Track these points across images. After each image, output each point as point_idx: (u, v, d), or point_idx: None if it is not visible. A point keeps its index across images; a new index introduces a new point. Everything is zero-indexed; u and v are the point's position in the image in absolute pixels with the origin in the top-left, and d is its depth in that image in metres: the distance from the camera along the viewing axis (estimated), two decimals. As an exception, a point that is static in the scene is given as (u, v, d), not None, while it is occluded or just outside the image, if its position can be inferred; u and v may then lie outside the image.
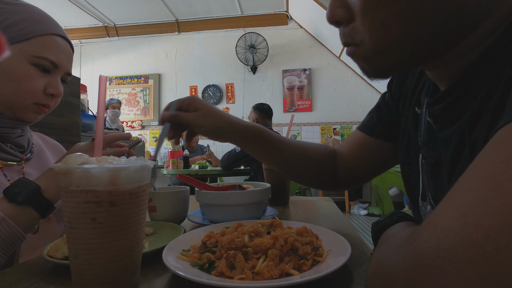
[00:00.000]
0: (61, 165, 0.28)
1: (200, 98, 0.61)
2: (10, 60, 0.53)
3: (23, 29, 0.54)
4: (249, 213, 0.59)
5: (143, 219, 0.32)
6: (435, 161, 0.43)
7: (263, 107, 2.60)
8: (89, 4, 4.25)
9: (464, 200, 0.20)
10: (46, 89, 0.58)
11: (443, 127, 0.41)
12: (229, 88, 4.74)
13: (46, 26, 0.57)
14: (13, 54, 0.53)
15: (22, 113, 0.57)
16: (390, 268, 0.23)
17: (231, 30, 4.76)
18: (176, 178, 0.80)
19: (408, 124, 0.53)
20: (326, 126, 4.52)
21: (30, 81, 0.55)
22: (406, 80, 0.56)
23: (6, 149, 0.58)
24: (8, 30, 0.53)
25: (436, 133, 0.43)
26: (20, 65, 0.54)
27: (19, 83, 0.54)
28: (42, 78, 0.57)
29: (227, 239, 0.38)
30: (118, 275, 0.29)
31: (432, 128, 0.44)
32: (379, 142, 0.63)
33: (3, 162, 0.58)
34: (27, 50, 0.54)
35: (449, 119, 0.40)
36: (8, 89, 0.54)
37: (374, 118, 0.64)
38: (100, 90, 0.33)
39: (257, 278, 0.33)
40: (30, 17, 0.56)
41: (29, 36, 0.54)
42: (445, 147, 0.40)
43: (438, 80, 0.42)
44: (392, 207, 1.93)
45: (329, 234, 0.44)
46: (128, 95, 4.94)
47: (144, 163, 0.31)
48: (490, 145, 0.21)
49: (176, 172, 2.49)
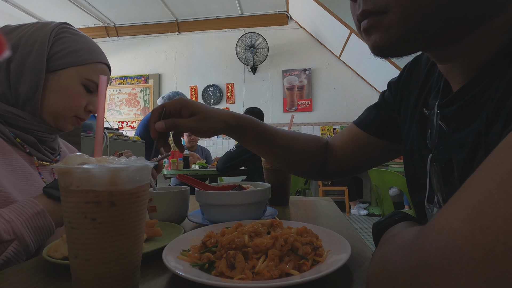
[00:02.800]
0: (61, 165, 0.28)
1: (186, 98, 0.60)
2: (68, 79, 0.65)
3: (82, 56, 0.66)
4: (249, 213, 0.59)
5: (143, 219, 0.32)
6: (446, 163, 0.42)
7: (254, 111, 2.63)
8: (89, 4, 4.25)
9: (472, 202, 0.19)
10: (87, 106, 0.69)
11: (456, 129, 0.40)
12: (229, 88, 4.74)
13: (98, 56, 0.70)
14: (71, 74, 0.65)
15: (63, 123, 0.68)
16: (394, 268, 0.22)
17: (231, 30, 4.76)
18: (176, 178, 0.81)
19: (412, 128, 0.52)
20: (326, 126, 4.52)
21: (78, 98, 0.66)
22: (409, 84, 0.56)
23: (42, 150, 0.67)
24: (70, 55, 0.65)
25: (447, 135, 0.42)
26: (74, 84, 0.65)
27: (70, 99, 0.66)
28: (86, 96, 0.68)
29: (227, 239, 0.38)
30: (118, 275, 0.29)
31: (443, 131, 0.43)
32: (373, 139, 0.63)
33: (39, 162, 0.66)
34: (82, 73, 0.66)
35: (463, 121, 0.38)
36: (60, 102, 0.65)
37: (371, 115, 0.64)
38: (100, 90, 0.33)
39: (257, 278, 0.33)
40: (88, 47, 0.68)
41: (85, 62, 0.66)
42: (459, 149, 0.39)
43: (453, 75, 0.40)
44: (392, 207, 1.93)
45: (329, 234, 0.44)
46: (128, 95, 4.94)
47: (144, 163, 0.31)
48: (501, 147, 0.21)
49: (176, 172, 2.49)
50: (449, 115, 0.40)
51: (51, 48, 0.64)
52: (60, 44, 0.65)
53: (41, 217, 0.51)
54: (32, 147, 0.65)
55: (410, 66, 0.57)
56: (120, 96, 4.94)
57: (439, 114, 0.43)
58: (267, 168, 0.86)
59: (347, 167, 0.69)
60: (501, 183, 0.19)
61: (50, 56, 0.63)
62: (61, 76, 0.64)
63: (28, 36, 0.62)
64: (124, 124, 4.87)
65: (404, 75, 0.57)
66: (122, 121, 4.90)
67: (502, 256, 0.16)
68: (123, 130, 4.68)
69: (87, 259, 0.28)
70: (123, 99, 4.94)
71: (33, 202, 0.52)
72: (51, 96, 0.64)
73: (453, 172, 0.40)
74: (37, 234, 0.51)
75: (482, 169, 0.21)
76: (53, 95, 0.64)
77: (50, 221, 0.53)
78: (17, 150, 0.62)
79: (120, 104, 4.94)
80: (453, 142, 0.40)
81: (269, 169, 0.85)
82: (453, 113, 0.39)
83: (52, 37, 0.64)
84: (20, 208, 0.50)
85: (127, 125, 4.88)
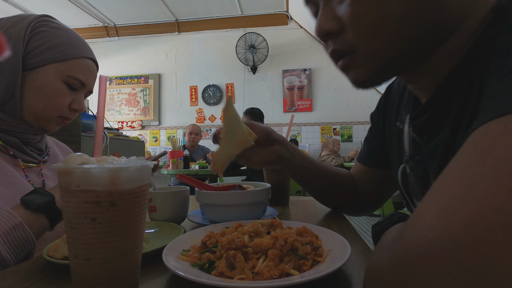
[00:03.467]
0: (61, 165, 0.28)
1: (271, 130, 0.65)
2: (47, 77, 0.60)
3: (62, 51, 0.61)
4: (249, 213, 0.59)
5: (143, 219, 0.32)
6: (423, 173, 0.45)
7: (254, 111, 2.64)
8: (89, 4, 4.25)
9: (442, 198, 0.21)
10: (71, 104, 0.64)
11: (428, 139, 0.43)
12: (229, 88, 4.74)
13: (81, 50, 0.64)
14: (50, 72, 0.60)
15: (47, 124, 0.64)
16: (380, 267, 0.23)
17: (231, 30, 4.76)
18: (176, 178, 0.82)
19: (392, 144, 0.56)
20: (326, 126, 4.51)
21: (60, 97, 0.62)
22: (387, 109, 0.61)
23: (27, 151, 0.63)
24: (50, 51, 0.60)
25: (420, 146, 0.45)
26: (54, 82, 0.61)
27: (51, 98, 0.61)
28: (70, 95, 0.63)
29: (227, 239, 0.38)
30: (118, 275, 0.29)
31: (417, 142, 0.46)
32: (373, 170, 0.69)
33: (24, 164, 0.63)
34: (63, 70, 0.61)
35: (433, 131, 0.42)
36: (41, 102, 0.61)
37: (365, 149, 0.71)
38: (100, 90, 0.33)
39: (257, 278, 0.33)
40: (69, 41, 0.63)
41: (66, 58, 0.61)
42: (432, 158, 0.42)
43: (420, 92, 0.45)
44: (392, 207, 1.93)
45: (329, 234, 0.44)
46: (128, 95, 4.94)
47: (144, 163, 0.31)
48: (464, 147, 0.23)
49: (176, 172, 2.49)
50: (419, 125, 0.44)
51: (27, 44, 0.59)
52: (37, 40, 0.60)
53: (19, 230, 0.48)
54: (16, 149, 0.62)
55: (385, 94, 0.63)
56: (120, 96, 4.94)
57: (411, 126, 0.47)
58: (267, 168, 0.85)
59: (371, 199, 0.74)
60: (466, 179, 0.20)
61: (27, 53, 0.58)
62: (39, 74, 0.59)
63: (4, 32, 0.58)
64: (124, 124, 4.87)
65: (382, 104, 0.63)
66: (122, 121, 4.90)
67: (472, 245, 0.17)
68: (123, 130, 4.68)
69: (87, 259, 0.28)
70: (123, 99, 4.93)
71: (11, 214, 0.48)
72: (30, 96, 0.60)
73: (430, 181, 0.43)
74: (15, 247, 0.48)
75: (448, 170, 0.23)
76: (33, 95, 0.60)
77: (29, 233, 0.49)
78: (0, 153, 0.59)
79: (120, 104, 4.94)
80: (426, 152, 0.44)
81: (269, 169, 0.85)
82: (423, 123, 0.43)
83: (29, 32, 0.59)
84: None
85: (127, 125, 4.88)
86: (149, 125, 4.89)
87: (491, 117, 0.22)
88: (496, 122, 0.21)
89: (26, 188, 0.59)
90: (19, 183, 0.59)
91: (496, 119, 0.21)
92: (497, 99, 0.23)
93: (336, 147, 4.09)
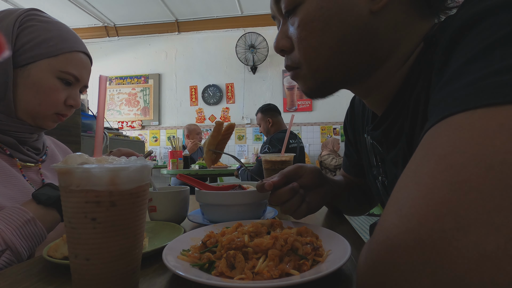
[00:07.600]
0: (61, 165, 0.28)
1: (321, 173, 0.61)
2: (39, 74, 0.58)
3: (53, 46, 0.59)
4: (249, 213, 0.59)
5: (143, 219, 0.32)
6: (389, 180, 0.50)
7: (270, 107, 2.59)
8: (89, 4, 4.25)
9: (398, 198, 0.23)
10: (67, 100, 0.63)
11: (389, 149, 0.47)
12: (229, 88, 4.74)
13: (73, 44, 0.62)
14: (42, 68, 0.58)
15: (43, 121, 0.62)
16: (359, 270, 0.25)
17: (231, 30, 4.76)
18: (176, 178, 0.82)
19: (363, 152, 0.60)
20: (326, 126, 4.52)
21: (54, 93, 0.60)
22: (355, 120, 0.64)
23: (24, 151, 0.63)
24: (40, 46, 0.58)
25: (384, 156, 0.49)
26: (47, 78, 0.59)
27: (45, 95, 0.60)
28: (64, 90, 0.62)
29: (227, 239, 0.38)
30: (118, 275, 0.29)
31: (380, 152, 0.50)
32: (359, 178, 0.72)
33: (22, 163, 0.62)
34: (55, 65, 0.59)
35: (391, 142, 0.46)
36: (35, 100, 0.59)
37: (345, 160, 0.76)
38: (100, 90, 0.33)
39: (257, 278, 0.33)
40: (59, 35, 0.61)
41: (57, 52, 0.60)
42: (394, 167, 0.46)
43: (374, 106, 0.49)
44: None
45: (329, 234, 0.44)
46: (128, 95, 4.94)
47: (144, 163, 0.31)
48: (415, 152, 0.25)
49: (176, 172, 2.48)
50: (378, 137, 0.49)
51: (16, 40, 0.57)
52: (26, 35, 0.58)
53: (31, 225, 0.49)
54: (13, 148, 0.61)
55: (350, 107, 0.67)
56: (120, 96, 4.94)
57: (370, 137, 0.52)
58: (267, 168, 0.85)
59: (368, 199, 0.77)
60: (414, 178, 0.22)
61: (16, 49, 0.57)
62: (31, 71, 0.58)
63: None
64: (124, 124, 4.87)
65: (349, 116, 0.68)
66: (122, 121, 4.90)
67: (428, 237, 0.19)
68: (123, 130, 4.68)
69: (87, 259, 0.28)
70: (123, 99, 4.93)
71: (23, 210, 0.49)
72: (24, 94, 0.58)
73: None
74: (29, 241, 0.49)
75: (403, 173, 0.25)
76: (26, 93, 0.58)
77: (41, 227, 0.51)
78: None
79: (120, 104, 4.94)
80: (388, 161, 0.48)
81: (269, 169, 0.85)
82: (381, 135, 0.47)
83: (16, 27, 0.57)
84: (8, 216, 0.48)
85: (127, 125, 4.87)
86: (149, 125, 4.89)
87: (432, 123, 0.25)
88: (437, 126, 0.24)
89: (26, 187, 0.59)
90: (18, 182, 0.59)
91: (436, 124, 0.24)
92: (437, 108, 0.26)
93: (336, 146, 4.09)
